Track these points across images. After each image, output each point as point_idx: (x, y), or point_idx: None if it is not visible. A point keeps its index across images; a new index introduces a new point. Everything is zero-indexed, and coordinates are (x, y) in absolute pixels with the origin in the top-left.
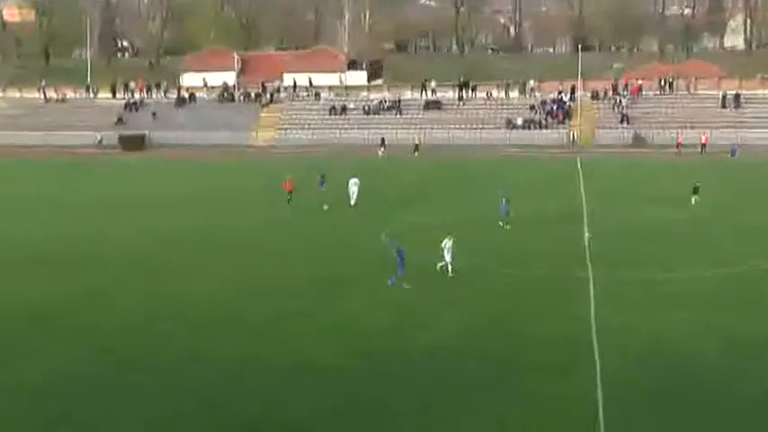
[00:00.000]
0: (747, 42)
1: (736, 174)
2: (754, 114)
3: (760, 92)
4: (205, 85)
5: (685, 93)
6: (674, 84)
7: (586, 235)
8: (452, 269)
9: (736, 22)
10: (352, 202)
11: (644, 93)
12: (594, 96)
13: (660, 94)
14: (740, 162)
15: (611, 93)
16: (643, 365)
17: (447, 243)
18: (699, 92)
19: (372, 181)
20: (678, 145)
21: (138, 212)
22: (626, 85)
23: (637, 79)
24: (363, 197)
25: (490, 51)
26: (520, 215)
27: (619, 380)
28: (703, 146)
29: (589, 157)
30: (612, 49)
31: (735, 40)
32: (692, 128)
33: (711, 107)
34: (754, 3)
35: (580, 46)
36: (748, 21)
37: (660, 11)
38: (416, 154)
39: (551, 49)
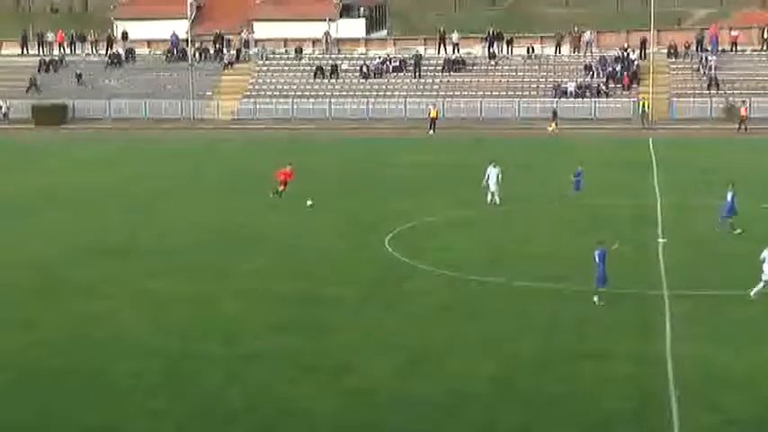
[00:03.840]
0: None
1: None
2: None
3: None
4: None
5: None
6: None
7: (660, 240)
8: None
9: None
10: (496, 199)
11: (740, 48)
12: (672, 53)
13: (761, 51)
14: None
15: (694, 48)
16: (741, 427)
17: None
18: None
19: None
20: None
21: (49, 213)
22: (715, 39)
23: (730, 30)
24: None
25: None
26: (575, 215)
27: None
28: None
29: (665, 135)
30: None
31: None
32: None
33: None
34: None
35: None
36: None
37: None
38: (432, 132)
39: None
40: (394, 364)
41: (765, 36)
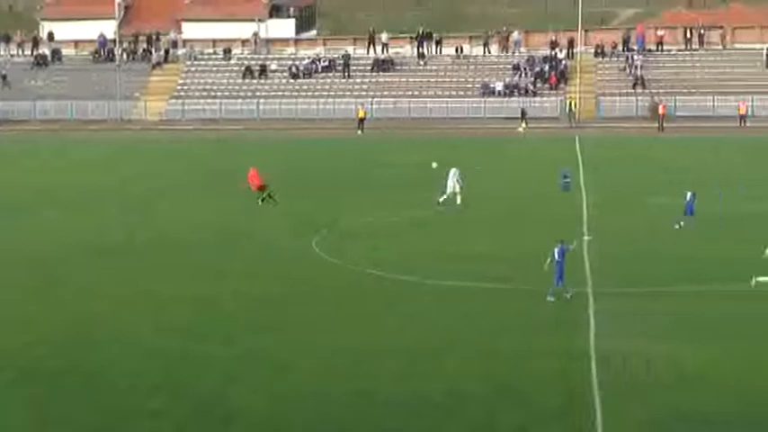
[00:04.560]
0: None
1: None
2: None
3: None
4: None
5: (719, 48)
6: (705, 36)
7: (585, 237)
8: None
9: None
10: (442, 200)
11: (666, 48)
12: (599, 53)
13: (686, 50)
14: None
15: (620, 48)
16: (664, 423)
17: None
18: (737, 46)
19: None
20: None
21: None
22: (641, 38)
23: (656, 30)
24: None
25: None
26: (499, 211)
27: None
28: (742, 117)
29: (592, 134)
30: None
31: None
32: (727, 94)
33: (754, 65)
34: None
35: None
36: None
37: None
38: (361, 132)
39: None
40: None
41: (689, 36)
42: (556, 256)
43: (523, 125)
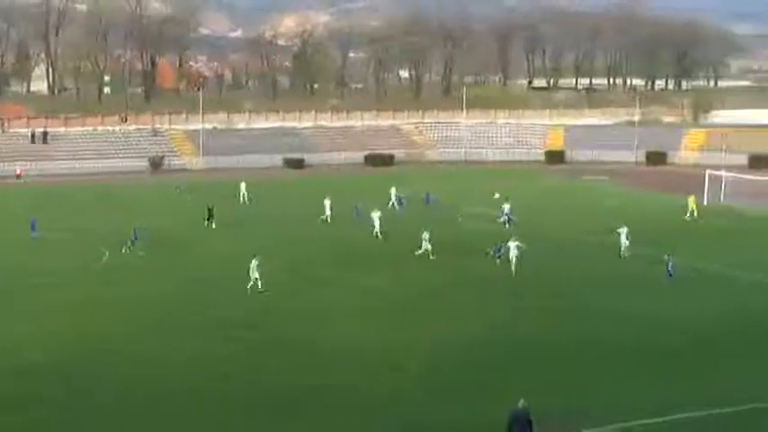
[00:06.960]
0: (50, 87)
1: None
2: (60, 148)
3: (63, 129)
4: None
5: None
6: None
7: None
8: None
9: (41, 69)
10: None
11: None
12: None
13: None
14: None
15: None
16: None
17: (254, 263)
18: (11, 130)
19: None
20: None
21: None
22: None
23: None
24: None
25: None
26: None
27: None
28: (18, 176)
29: None
30: None
31: (40, 84)
32: (8, 162)
33: (23, 143)
34: (54, 53)
35: None
36: (50, 69)
37: None
38: None
39: None
40: None
41: None
42: None
43: None
